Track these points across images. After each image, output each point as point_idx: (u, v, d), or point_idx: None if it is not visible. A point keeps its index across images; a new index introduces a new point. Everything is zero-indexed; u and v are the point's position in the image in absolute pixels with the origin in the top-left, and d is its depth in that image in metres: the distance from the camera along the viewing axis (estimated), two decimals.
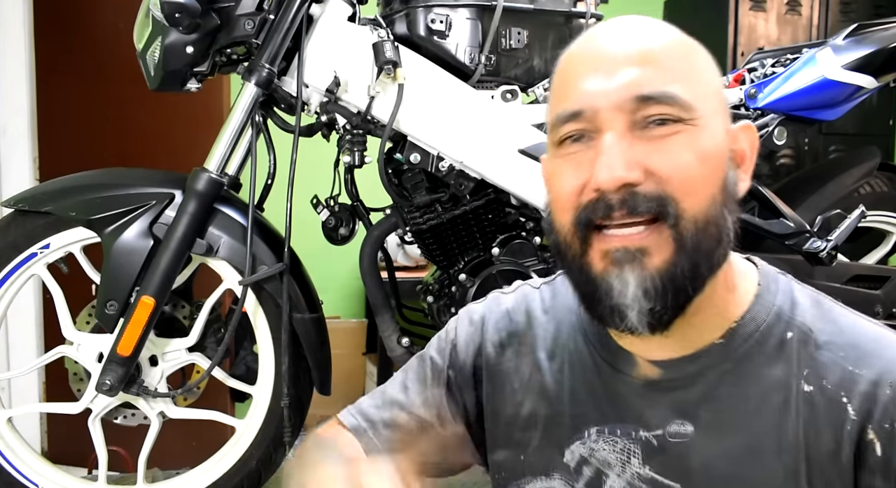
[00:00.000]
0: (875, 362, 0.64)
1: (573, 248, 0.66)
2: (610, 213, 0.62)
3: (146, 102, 2.06)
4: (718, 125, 0.65)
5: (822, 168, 2.16)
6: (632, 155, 0.61)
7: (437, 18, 1.44)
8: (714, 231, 0.63)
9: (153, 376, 1.44)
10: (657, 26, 0.67)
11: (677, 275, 0.62)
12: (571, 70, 0.67)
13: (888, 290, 1.66)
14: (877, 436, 0.62)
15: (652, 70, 0.63)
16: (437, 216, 1.48)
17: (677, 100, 0.62)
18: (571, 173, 0.65)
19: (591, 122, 0.64)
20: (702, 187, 0.62)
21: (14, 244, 1.40)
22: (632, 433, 0.70)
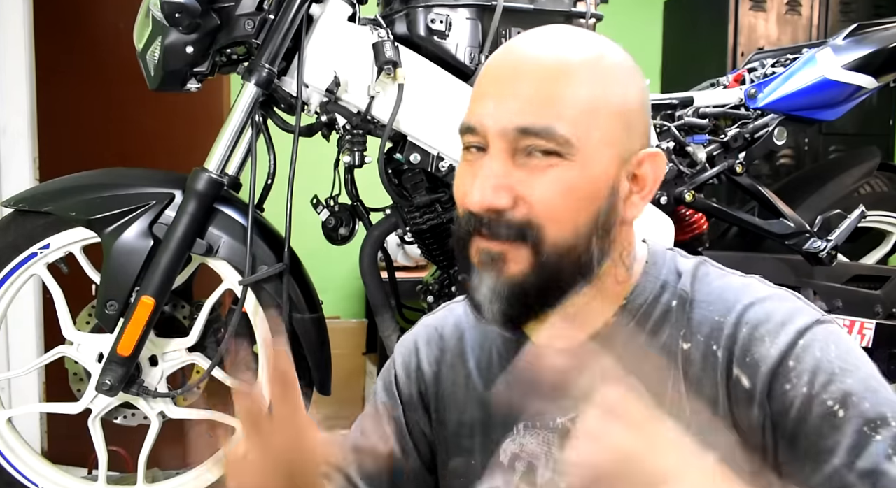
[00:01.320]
0: (735, 306, 0.69)
1: (462, 241, 0.71)
2: (479, 229, 0.68)
3: (146, 102, 2.06)
4: (602, 159, 0.68)
5: (822, 168, 2.16)
6: (505, 181, 0.66)
7: (437, 18, 1.44)
8: (574, 257, 0.68)
9: (153, 376, 1.44)
10: (575, 47, 0.69)
11: (527, 287, 0.68)
12: (482, 80, 0.72)
13: (888, 290, 1.66)
14: (741, 371, 0.66)
15: (541, 103, 0.66)
16: (437, 216, 1.48)
17: (555, 136, 0.65)
18: (466, 179, 0.70)
19: (482, 138, 0.69)
20: (567, 219, 0.67)
21: (14, 244, 1.40)
22: (549, 422, 0.75)
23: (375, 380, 0.95)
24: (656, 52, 3.52)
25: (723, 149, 1.60)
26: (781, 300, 0.70)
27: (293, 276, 1.44)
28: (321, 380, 1.50)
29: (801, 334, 0.66)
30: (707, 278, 0.74)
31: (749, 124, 1.62)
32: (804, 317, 0.68)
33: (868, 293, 1.66)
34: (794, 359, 0.65)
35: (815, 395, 0.63)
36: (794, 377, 0.64)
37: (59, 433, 2.33)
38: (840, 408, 0.62)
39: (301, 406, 0.69)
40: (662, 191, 1.54)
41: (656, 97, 1.65)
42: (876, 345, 1.61)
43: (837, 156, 2.93)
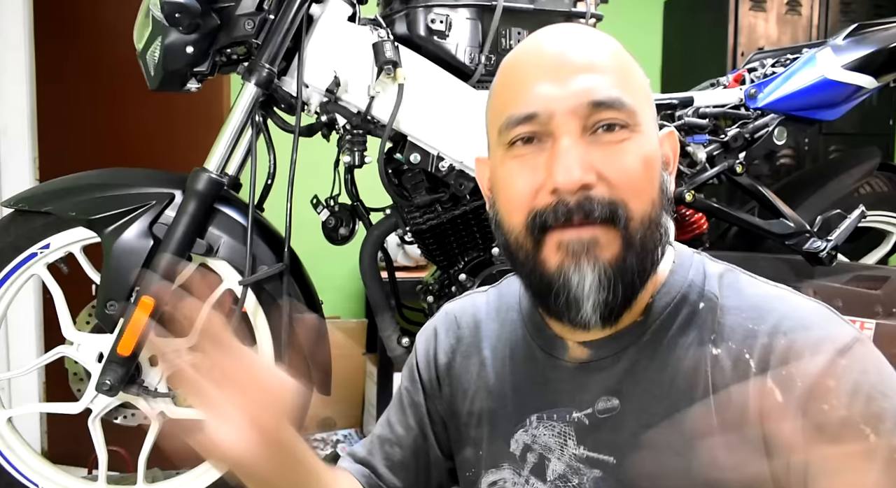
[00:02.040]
0: (770, 316, 0.67)
1: (526, 248, 0.68)
2: (569, 217, 0.65)
3: (146, 102, 2.06)
4: (654, 132, 0.70)
5: (822, 168, 2.16)
6: (586, 158, 0.65)
7: (437, 18, 1.44)
8: (656, 231, 0.68)
9: (153, 376, 1.44)
10: (599, 36, 0.71)
11: (626, 268, 0.66)
12: (521, 74, 0.70)
13: (888, 290, 1.66)
14: (776, 383, 0.64)
15: (602, 77, 0.67)
16: (437, 216, 1.48)
17: (626, 106, 0.66)
18: (525, 175, 0.67)
19: (544, 125, 0.66)
20: (646, 191, 0.67)
21: (14, 244, 1.40)
22: (566, 416, 0.74)
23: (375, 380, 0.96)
24: (656, 52, 3.52)
25: (723, 149, 1.60)
26: (818, 314, 0.68)
27: (293, 276, 1.44)
28: (321, 380, 1.50)
29: (842, 353, 0.64)
30: (738, 284, 0.73)
31: (749, 124, 1.62)
32: (844, 334, 0.66)
33: (868, 293, 1.66)
34: (834, 378, 0.63)
35: (851, 417, 0.62)
36: (833, 398, 0.62)
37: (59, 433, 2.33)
38: (871, 433, 0.61)
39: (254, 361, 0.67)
40: None
41: (656, 97, 1.65)
42: (876, 344, 1.61)
43: (837, 156, 2.93)
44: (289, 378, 0.66)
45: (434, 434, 0.86)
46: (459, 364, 0.84)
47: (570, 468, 0.73)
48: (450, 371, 0.85)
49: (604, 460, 0.71)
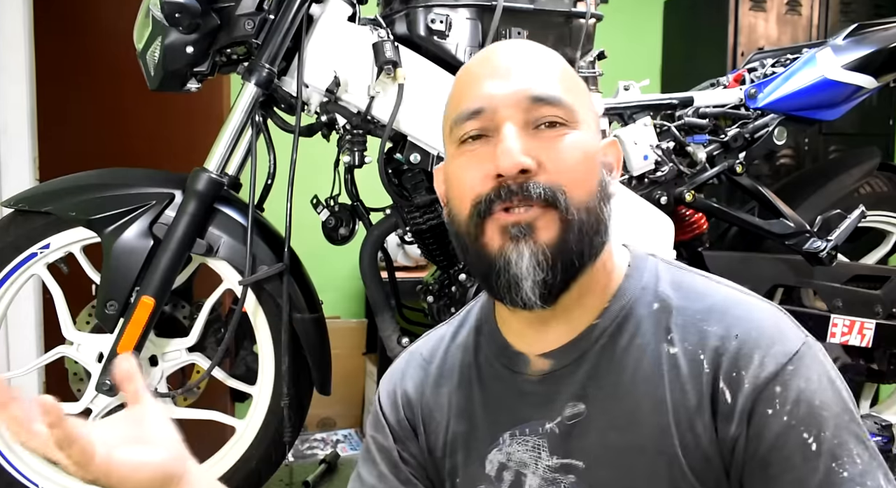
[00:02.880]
0: (723, 318, 0.70)
1: (471, 234, 0.71)
2: (510, 198, 0.68)
3: (146, 102, 2.06)
4: (594, 134, 0.74)
5: (822, 168, 2.16)
6: (527, 146, 0.69)
7: (437, 18, 1.44)
8: (594, 220, 0.70)
9: (153, 376, 1.44)
10: (544, 48, 0.77)
11: (565, 250, 0.69)
12: (471, 76, 0.75)
13: (888, 290, 1.66)
14: (726, 385, 0.67)
15: (543, 77, 0.72)
16: (437, 216, 1.48)
17: (564, 104, 0.70)
18: (472, 166, 0.71)
19: (490, 119, 0.70)
20: (585, 181, 0.70)
21: (14, 244, 1.40)
22: (538, 428, 0.75)
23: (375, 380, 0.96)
24: (656, 52, 3.51)
25: (723, 149, 1.60)
26: (770, 316, 0.71)
27: (293, 276, 1.44)
28: (321, 380, 1.50)
29: (789, 358, 0.66)
30: (692, 285, 0.75)
31: (749, 124, 1.62)
32: (793, 338, 0.68)
33: (868, 293, 1.66)
34: (780, 384, 0.66)
35: (794, 426, 0.64)
36: (778, 403, 0.65)
37: None
38: (813, 442, 0.64)
39: None
40: (662, 191, 1.54)
41: (656, 97, 1.65)
42: (876, 344, 1.61)
43: (837, 156, 2.93)
44: None
45: (413, 476, 0.84)
46: (430, 397, 0.84)
47: (545, 480, 0.74)
48: (423, 408, 0.84)
49: (575, 465, 0.72)
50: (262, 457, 1.47)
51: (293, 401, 1.44)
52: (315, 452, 2.94)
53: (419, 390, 0.85)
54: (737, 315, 0.70)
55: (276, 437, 1.46)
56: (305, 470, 1.80)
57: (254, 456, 1.47)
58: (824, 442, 0.64)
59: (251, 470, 1.47)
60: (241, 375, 1.53)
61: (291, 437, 1.47)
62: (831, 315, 1.60)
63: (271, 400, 1.46)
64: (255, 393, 1.48)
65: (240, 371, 1.55)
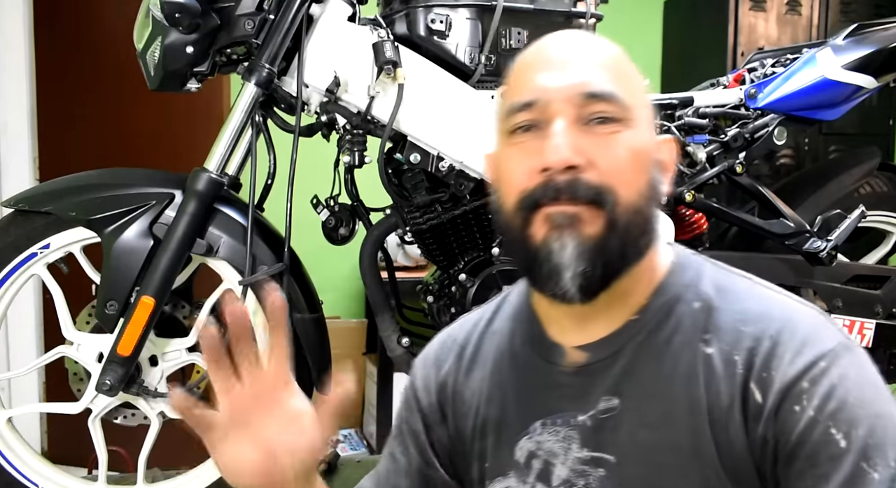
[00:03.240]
0: (760, 319, 0.69)
1: (516, 223, 0.71)
2: (557, 196, 0.68)
3: (146, 102, 2.06)
4: (648, 131, 0.73)
5: (822, 168, 2.16)
6: (578, 142, 0.68)
7: (437, 18, 1.44)
8: (641, 220, 0.70)
9: (153, 376, 1.44)
10: (601, 41, 0.76)
11: (607, 247, 0.68)
12: (526, 68, 0.74)
13: (888, 290, 1.66)
14: (757, 385, 0.66)
15: (599, 72, 0.71)
16: (437, 216, 1.48)
17: (619, 100, 0.69)
18: (521, 159, 0.71)
19: (542, 112, 0.70)
20: (635, 181, 0.70)
21: (14, 244, 1.40)
22: (570, 420, 0.75)
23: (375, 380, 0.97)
24: (656, 52, 3.51)
25: (723, 149, 1.60)
26: (808, 317, 0.70)
27: (293, 276, 1.44)
28: (321, 380, 1.50)
29: (822, 356, 0.65)
30: (733, 286, 0.74)
31: (749, 124, 1.62)
32: (829, 338, 0.67)
33: (868, 293, 1.66)
34: (808, 380, 0.64)
35: (821, 421, 0.63)
36: (805, 399, 0.64)
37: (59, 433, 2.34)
38: (843, 438, 0.62)
39: (287, 373, 0.71)
40: None
41: (656, 97, 1.65)
42: (876, 344, 1.61)
43: (837, 156, 2.93)
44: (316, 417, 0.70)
45: (437, 459, 0.86)
46: (462, 382, 0.85)
47: (573, 472, 0.73)
48: (455, 392, 0.85)
49: (606, 459, 0.72)
50: None
51: None
52: None
53: (453, 375, 0.86)
54: (774, 316, 0.69)
55: None
56: None
57: None
58: (855, 440, 0.62)
59: None
60: None
61: None
62: (831, 315, 1.60)
63: None
64: None
65: None
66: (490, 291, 1.49)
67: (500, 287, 1.49)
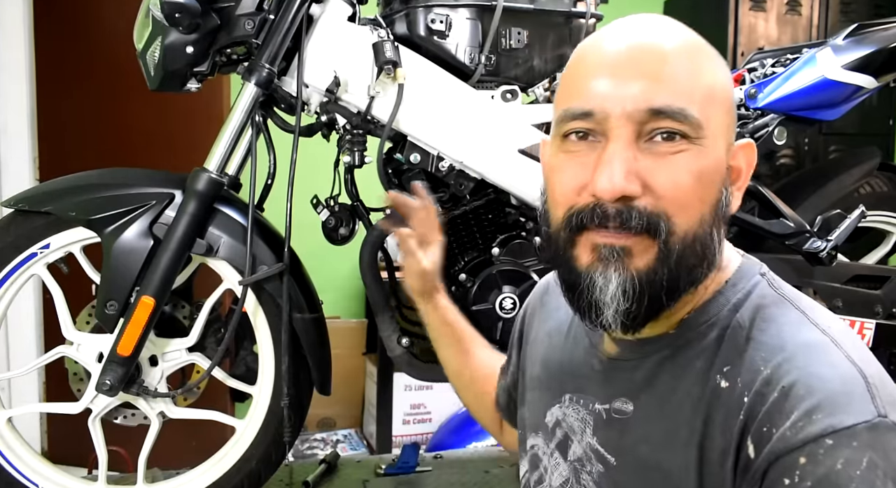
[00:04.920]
0: (785, 363, 0.60)
1: (562, 241, 0.67)
2: (605, 223, 0.63)
3: (146, 102, 2.06)
4: (722, 144, 0.66)
5: (822, 168, 2.16)
6: (634, 167, 0.62)
7: (437, 18, 1.44)
8: (699, 249, 0.64)
9: (153, 376, 1.44)
10: (679, 33, 0.67)
11: (656, 281, 0.63)
12: (588, 66, 0.67)
13: (888, 290, 1.66)
14: (752, 439, 0.59)
15: (668, 84, 0.63)
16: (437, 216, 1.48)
17: (689, 118, 0.62)
18: (572, 171, 0.66)
19: (599, 124, 0.64)
20: (695, 207, 0.63)
21: (14, 244, 1.40)
22: (590, 404, 0.75)
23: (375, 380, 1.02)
24: None
25: None
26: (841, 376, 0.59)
27: (293, 276, 1.44)
28: (321, 380, 1.50)
29: (833, 431, 0.55)
30: (776, 318, 0.65)
31: (749, 124, 1.62)
32: (854, 411, 0.56)
33: (868, 293, 1.66)
34: (807, 455, 0.55)
35: None
36: (798, 477, 0.55)
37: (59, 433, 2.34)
38: None
39: None
40: None
41: None
42: (876, 344, 1.61)
43: (837, 156, 2.93)
44: None
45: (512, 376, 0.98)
46: (536, 327, 0.91)
47: (585, 454, 0.74)
48: (529, 331, 0.92)
49: (608, 458, 0.72)
50: (262, 457, 1.47)
51: (293, 401, 1.44)
52: (315, 452, 2.94)
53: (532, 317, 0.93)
54: (802, 364, 0.60)
55: (276, 437, 1.46)
56: (305, 470, 1.80)
57: (254, 456, 1.47)
58: None
59: (251, 470, 1.47)
60: (241, 375, 1.53)
61: (291, 437, 1.47)
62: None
63: (271, 400, 1.46)
64: (255, 393, 1.48)
65: (240, 371, 1.55)
66: (490, 291, 1.49)
67: (500, 287, 1.49)
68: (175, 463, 1.75)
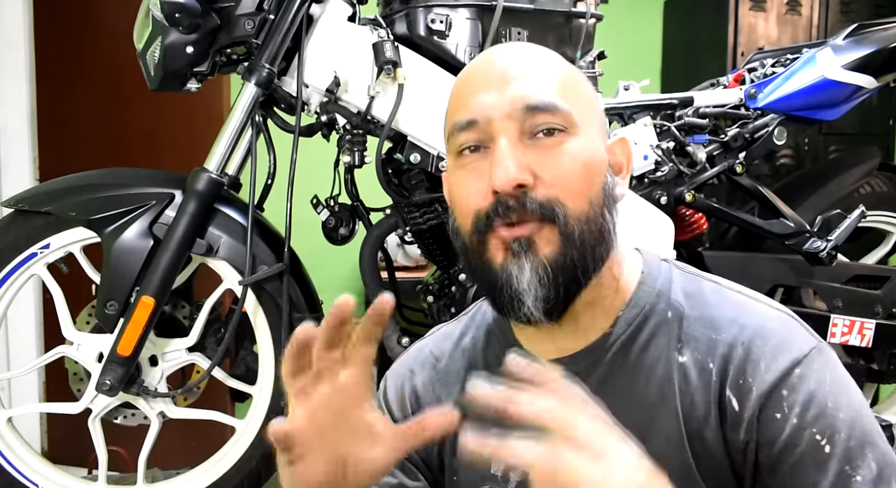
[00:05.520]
0: (731, 326, 0.69)
1: (474, 249, 0.71)
2: (507, 214, 0.67)
3: (146, 102, 2.06)
4: (595, 136, 0.72)
5: (822, 168, 2.16)
6: (523, 161, 0.67)
7: (437, 18, 1.44)
8: (595, 228, 0.69)
9: (153, 376, 1.44)
10: (544, 52, 0.75)
11: (566, 264, 0.68)
12: (467, 84, 0.73)
13: (888, 290, 1.66)
14: (733, 393, 0.67)
15: (538, 84, 0.70)
16: (437, 216, 1.48)
17: (561, 110, 0.68)
18: (472, 182, 0.70)
19: (485, 131, 0.69)
20: (583, 192, 0.69)
21: (14, 244, 1.40)
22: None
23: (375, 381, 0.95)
24: (656, 52, 3.51)
25: (723, 149, 1.60)
26: (778, 322, 0.70)
27: (293, 276, 1.44)
28: None
29: (797, 362, 0.66)
30: (701, 293, 0.74)
31: (749, 124, 1.62)
32: (801, 342, 0.68)
33: (868, 293, 1.66)
34: (787, 387, 0.65)
35: (805, 427, 0.64)
36: (786, 407, 0.65)
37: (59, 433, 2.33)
38: (826, 444, 0.63)
39: (369, 383, 0.64)
40: (662, 191, 1.54)
41: (656, 97, 1.65)
42: (876, 344, 1.61)
43: (837, 156, 2.92)
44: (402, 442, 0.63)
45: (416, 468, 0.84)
46: (438, 393, 0.83)
47: None
48: (430, 402, 0.83)
49: None
50: (262, 457, 1.47)
51: None
52: None
53: (427, 387, 0.84)
54: (745, 322, 0.69)
55: None
56: None
57: (254, 456, 1.47)
58: (838, 443, 0.63)
59: (251, 470, 1.47)
60: (241, 375, 1.53)
61: None
62: (831, 315, 1.60)
63: (271, 400, 1.46)
64: (255, 393, 1.48)
65: (240, 371, 1.55)
66: None
67: None
68: (175, 463, 1.75)
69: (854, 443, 0.64)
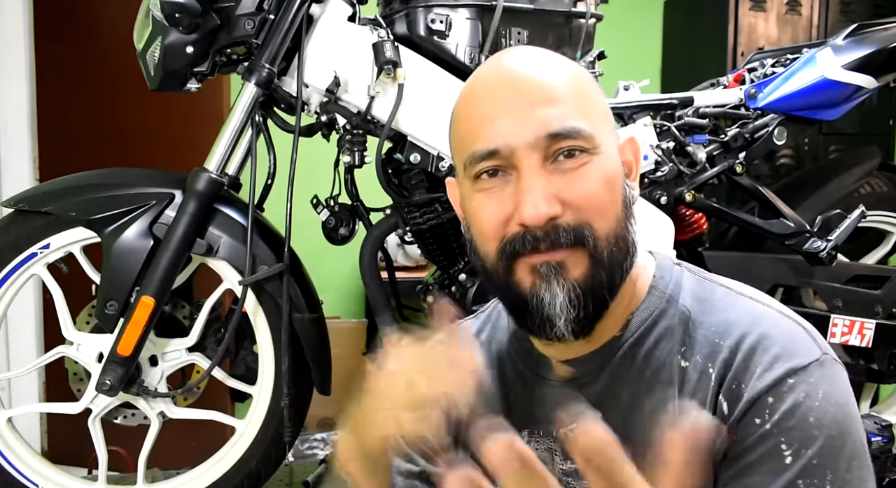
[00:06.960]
0: (736, 331, 0.69)
1: (499, 273, 0.70)
2: (536, 245, 0.67)
3: (146, 102, 2.06)
4: (612, 146, 0.72)
5: (822, 168, 2.16)
6: (550, 190, 0.67)
7: (437, 18, 1.44)
8: (623, 245, 0.70)
9: (153, 376, 1.44)
10: (555, 62, 0.73)
11: (595, 285, 0.68)
12: (482, 104, 0.71)
13: (888, 290, 1.66)
14: (725, 398, 0.67)
15: (558, 108, 0.68)
16: (437, 216, 1.48)
17: (582, 133, 0.68)
18: (494, 206, 0.70)
19: (507, 159, 0.68)
20: (610, 209, 0.69)
21: (14, 244, 1.40)
22: (552, 432, 0.75)
23: None
24: (656, 52, 3.51)
25: (723, 149, 1.60)
26: (784, 330, 0.69)
27: (293, 276, 1.44)
28: (321, 380, 1.50)
29: (792, 372, 0.65)
30: (711, 298, 0.74)
31: (749, 124, 1.62)
32: (803, 353, 0.66)
33: (868, 293, 1.66)
34: (774, 395, 0.64)
35: (775, 434, 0.63)
36: (767, 413, 0.64)
37: (59, 433, 2.33)
38: (790, 456, 0.62)
39: None
40: (662, 191, 1.54)
41: (656, 97, 1.65)
42: (876, 345, 1.61)
43: (837, 156, 2.93)
44: None
45: None
46: None
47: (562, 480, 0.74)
48: None
49: None
50: (262, 457, 1.47)
51: (293, 401, 1.44)
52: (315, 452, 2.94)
53: None
54: (750, 329, 0.69)
55: (276, 437, 1.46)
56: (305, 470, 1.80)
57: (254, 456, 1.47)
58: (801, 457, 0.62)
59: (251, 470, 1.47)
60: (241, 375, 1.53)
61: (291, 437, 1.47)
62: (831, 315, 1.60)
63: (271, 400, 1.46)
64: (255, 393, 1.48)
65: (240, 371, 1.55)
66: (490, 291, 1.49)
67: None
68: (175, 463, 1.76)
69: (819, 462, 0.62)
